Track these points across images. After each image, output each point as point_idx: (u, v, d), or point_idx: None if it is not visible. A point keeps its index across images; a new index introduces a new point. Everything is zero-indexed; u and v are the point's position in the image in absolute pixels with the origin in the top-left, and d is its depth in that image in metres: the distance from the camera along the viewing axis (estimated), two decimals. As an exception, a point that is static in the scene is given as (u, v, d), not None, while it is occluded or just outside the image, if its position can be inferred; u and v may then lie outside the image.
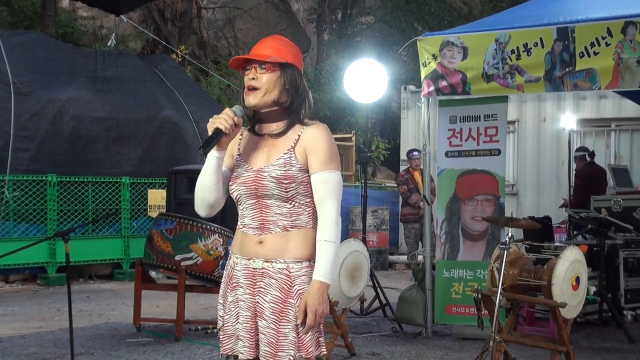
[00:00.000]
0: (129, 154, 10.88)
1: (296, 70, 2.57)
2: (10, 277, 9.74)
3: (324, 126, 2.58)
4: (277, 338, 2.49)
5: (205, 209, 2.62)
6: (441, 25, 17.84)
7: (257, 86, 2.52)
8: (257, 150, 2.59)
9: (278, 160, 2.52)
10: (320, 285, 2.46)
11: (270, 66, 2.52)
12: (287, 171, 2.50)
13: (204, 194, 2.58)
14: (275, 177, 2.49)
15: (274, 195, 2.51)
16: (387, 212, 12.68)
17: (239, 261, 2.59)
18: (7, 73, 10.09)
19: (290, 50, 2.58)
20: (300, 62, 2.61)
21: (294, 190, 2.51)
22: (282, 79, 2.53)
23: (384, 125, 19.81)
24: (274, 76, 2.52)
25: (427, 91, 6.22)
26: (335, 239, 2.50)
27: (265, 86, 2.51)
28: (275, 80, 2.52)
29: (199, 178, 2.58)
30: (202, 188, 2.58)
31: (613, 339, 6.35)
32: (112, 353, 5.60)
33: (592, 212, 7.44)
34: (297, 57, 2.59)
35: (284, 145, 2.54)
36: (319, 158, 2.51)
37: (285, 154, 2.52)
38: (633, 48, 5.26)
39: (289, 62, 2.55)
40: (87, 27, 16.89)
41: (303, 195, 2.54)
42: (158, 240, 6.04)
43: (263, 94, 2.52)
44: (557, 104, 12.19)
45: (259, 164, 2.55)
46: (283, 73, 2.53)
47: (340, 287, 5.52)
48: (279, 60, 2.52)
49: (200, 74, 17.77)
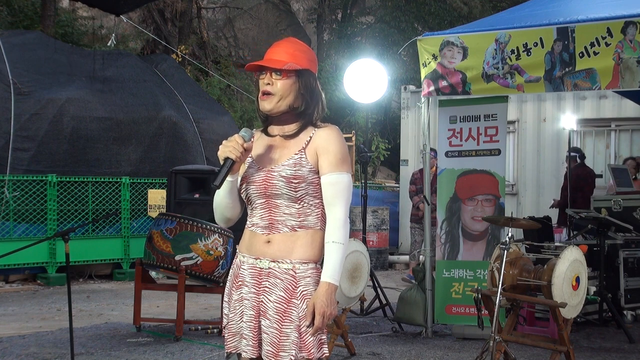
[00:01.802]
0: (129, 154, 10.88)
1: (311, 75, 2.59)
2: (10, 277, 9.73)
3: (335, 128, 2.59)
4: (279, 338, 2.50)
5: (225, 223, 2.68)
6: (441, 25, 17.86)
7: (272, 92, 2.53)
8: (268, 150, 2.60)
9: (288, 160, 2.53)
10: (329, 287, 2.47)
11: (285, 73, 2.53)
12: (297, 171, 2.51)
13: (222, 210, 2.62)
14: (284, 177, 2.51)
15: (283, 195, 2.52)
16: (387, 212, 12.67)
17: (246, 260, 2.61)
18: (7, 73, 10.09)
19: (306, 55, 2.59)
20: (315, 66, 2.62)
21: (304, 190, 2.53)
22: (297, 85, 2.55)
23: (384, 125, 19.81)
24: (289, 82, 2.54)
25: (427, 91, 6.22)
26: (343, 240, 2.52)
27: (280, 92, 2.53)
28: (290, 86, 2.54)
29: (216, 196, 2.61)
30: (220, 206, 2.62)
31: (613, 339, 6.35)
32: (112, 353, 5.60)
33: (592, 212, 7.44)
34: (313, 61, 2.61)
35: (295, 146, 2.56)
36: (329, 159, 2.52)
37: (296, 155, 2.54)
38: (633, 48, 5.26)
39: (304, 68, 2.56)
40: (87, 27, 16.89)
41: (312, 196, 2.55)
42: (158, 240, 6.04)
43: (278, 99, 2.54)
44: (557, 104, 12.19)
45: (270, 164, 2.56)
46: (298, 79, 2.55)
47: (340, 287, 5.51)
48: (295, 67, 2.53)
49: (200, 74, 17.77)
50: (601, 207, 7.60)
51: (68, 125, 10.26)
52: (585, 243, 7.01)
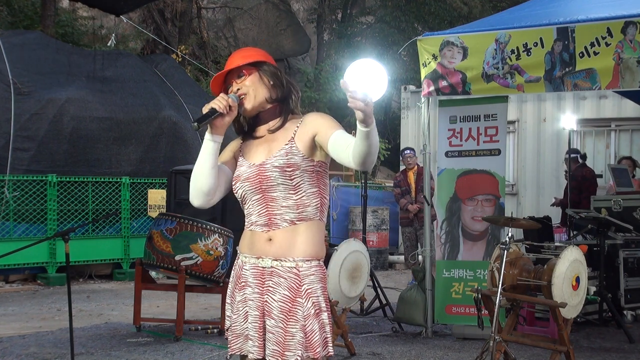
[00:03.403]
0: (129, 154, 10.88)
1: (271, 66, 2.65)
2: (10, 277, 9.74)
3: (319, 112, 2.66)
4: (284, 337, 2.49)
5: (200, 197, 2.61)
6: (441, 25, 17.86)
7: (244, 92, 2.60)
8: (258, 148, 2.62)
9: (279, 151, 2.55)
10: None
11: (246, 70, 2.61)
12: (290, 159, 2.52)
13: (199, 180, 2.59)
14: (278, 167, 2.52)
15: (279, 186, 2.52)
16: (387, 212, 12.67)
17: (248, 260, 2.60)
18: (7, 73, 10.10)
19: (257, 53, 2.67)
20: (271, 59, 2.68)
21: (299, 177, 2.52)
22: (263, 78, 2.61)
23: (384, 125, 19.82)
24: (254, 78, 2.61)
25: (427, 91, 6.22)
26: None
27: (251, 87, 2.59)
28: (258, 81, 2.61)
29: (195, 166, 2.61)
30: (197, 175, 2.60)
31: (613, 339, 6.35)
32: (112, 353, 5.60)
33: (592, 212, 7.44)
34: (265, 55, 2.67)
35: (283, 137, 2.58)
36: (326, 126, 2.52)
37: (287, 145, 2.55)
38: (633, 48, 5.26)
39: (260, 60, 2.63)
40: (87, 27, 16.90)
41: (309, 184, 2.54)
42: (158, 240, 6.04)
43: (253, 95, 2.60)
44: (557, 104, 12.20)
45: (261, 159, 2.58)
46: (260, 72, 2.61)
47: (340, 287, 5.52)
48: (249, 60, 2.61)
49: (200, 74, 17.78)
50: (601, 207, 7.60)
51: (68, 125, 10.27)
52: (585, 243, 7.01)
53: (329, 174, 2.67)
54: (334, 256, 5.50)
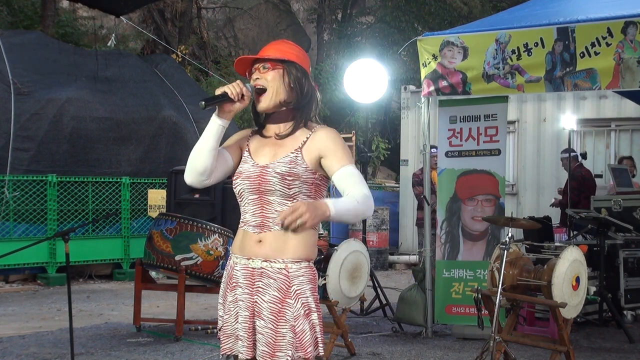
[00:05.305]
0: (129, 154, 10.88)
1: (300, 70, 2.59)
2: (10, 277, 9.74)
3: (333, 129, 2.61)
4: (274, 338, 2.49)
5: (192, 175, 2.58)
6: (441, 25, 17.85)
7: (263, 84, 2.55)
8: (264, 148, 2.61)
9: (284, 158, 2.53)
10: (324, 204, 2.33)
11: (272, 64, 2.56)
12: (292, 169, 2.51)
13: (196, 158, 2.55)
14: (279, 173, 2.51)
15: (276, 192, 2.52)
16: (387, 212, 12.67)
17: (239, 261, 2.60)
18: (7, 73, 10.10)
19: (294, 51, 2.61)
20: (305, 63, 2.62)
21: (297, 188, 2.52)
22: (285, 77, 2.56)
23: (384, 125, 19.81)
24: (277, 74, 2.55)
25: (427, 91, 6.22)
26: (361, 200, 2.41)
27: (271, 84, 2.55)
28: (280, 78, 2.55)
29: (196, 144, 2.58)
30: (195, 153, 2.56)
31: (613, 339, 6.35)
32: (112, 353, 5.60)
33: (592, 212, 7.44)
34: (300, 57, 2.61)
35: (291, 145, 2.56)
36: (337, 156, 2.51)
37: (292, 153, 2.54)
38: (633, 48, 5.26)
39: (290, 60, 2.57)
40: (88, 27, 16.89)
41: (305, 195, 2.54)
42: (158, 240, 6.04)
43: (272, 94, 2.55)
44: (557, 104, 12.19)
45: (265, 161, 2.56)
46: (286, 71, 2.56)
47: (340, 287, 5.52)
48: (279, 57, 2.56)
49: (200, 74, 17.78)
50: (601, 207, 7.59)
51: (68, 125, 10.26)
52: (585, 243, 7.01)
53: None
54: (334, 256, 5.50)
